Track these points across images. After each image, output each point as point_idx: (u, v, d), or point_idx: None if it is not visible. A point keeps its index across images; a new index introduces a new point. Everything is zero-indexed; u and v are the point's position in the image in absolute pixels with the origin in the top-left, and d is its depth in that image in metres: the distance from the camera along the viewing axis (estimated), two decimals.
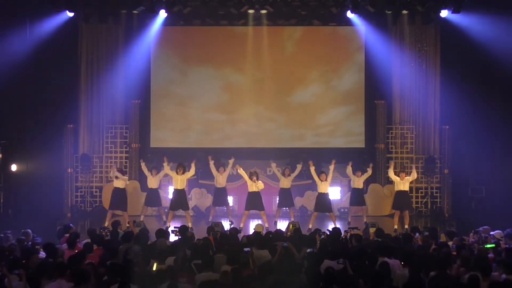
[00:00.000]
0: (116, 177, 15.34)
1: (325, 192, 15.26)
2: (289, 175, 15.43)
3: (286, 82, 18.29)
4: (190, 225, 14.42)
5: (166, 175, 15.77)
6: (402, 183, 15.31)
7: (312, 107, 18.28)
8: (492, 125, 17.18)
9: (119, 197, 15.36)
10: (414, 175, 15.65)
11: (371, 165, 16.00)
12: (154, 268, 8.10)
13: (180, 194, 15.27)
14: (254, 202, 15.10)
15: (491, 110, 17.27)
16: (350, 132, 18.33)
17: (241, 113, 18.30)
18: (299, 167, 15.64)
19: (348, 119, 18.33)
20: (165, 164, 15.37)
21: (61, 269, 7.60)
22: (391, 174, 15.68)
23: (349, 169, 15.72)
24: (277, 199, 16.00)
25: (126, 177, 15.69)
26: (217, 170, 15.47)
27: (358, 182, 15.83)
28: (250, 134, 18.30)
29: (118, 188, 15.37)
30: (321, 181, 15.16)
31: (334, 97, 18.37)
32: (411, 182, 16.02)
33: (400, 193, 15.35)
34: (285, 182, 15.44)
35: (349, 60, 18.34)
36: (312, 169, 15.28)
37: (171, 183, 16.18)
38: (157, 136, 18.29)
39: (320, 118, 18.33)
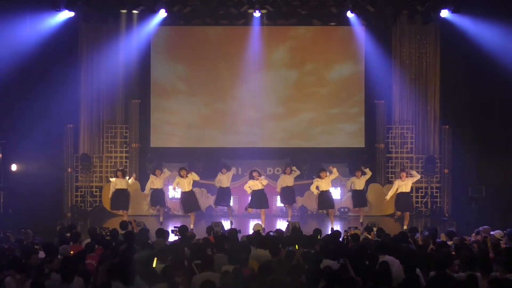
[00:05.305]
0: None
1: (326, 189, 15.28)
2: (290, 173, 15.49)
3: (286, 82, 18.30)
4: (192, 226, 14.46)
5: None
6: (404, 184, 15.24)
7: (312, 106, 18.28)
8: (492, 125, 17.17)
9: (120, 196, 15.53)
10: (416, 175, 15.55)
11: (367, 168, 15.98)
12: (154, 265, 8.10)
13: (189, 196, 15.32)
14: (259, 200, 15.18)
15: (491, 110, 17.27)
16: (350, 132, 18.32)
17: (241, 113, 18.27)
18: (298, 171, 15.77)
19: (348, 119, 18.32)
20: (167, 171, 15.55)
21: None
22: (396, 182, 15.51)
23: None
24: (279, 198, 16.05)
25: (132, 178, 15.85)
26: (220, 171, 15.59)
27: (359, 183, 15.84)
28: (250, 134, 18.27)
29: (119, 189, 15.54)
30: (322, 178, 15.17)
31: (334, 97, 18.36)
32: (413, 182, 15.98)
33: (401, 194, 15.28)
34: (287, 180, 15.48)
35: (349, 60, 18.32)
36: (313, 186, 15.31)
37: (171, 184, 16.22)
38: (157, 136, 18.28)
39: (320, 118, 18.32)
